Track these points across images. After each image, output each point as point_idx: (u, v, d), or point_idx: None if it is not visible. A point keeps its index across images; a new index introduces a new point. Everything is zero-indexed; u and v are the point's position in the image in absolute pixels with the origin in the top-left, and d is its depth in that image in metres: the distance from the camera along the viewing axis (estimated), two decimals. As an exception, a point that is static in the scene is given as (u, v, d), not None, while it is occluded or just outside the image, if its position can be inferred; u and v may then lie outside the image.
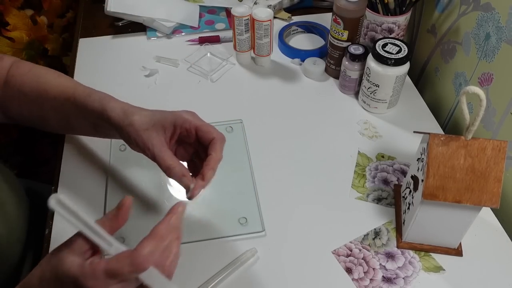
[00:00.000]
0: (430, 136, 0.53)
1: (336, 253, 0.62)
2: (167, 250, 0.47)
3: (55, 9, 1.12)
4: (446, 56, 0.82)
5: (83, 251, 0.44)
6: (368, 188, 0.69)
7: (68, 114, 0.63)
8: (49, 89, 0.63)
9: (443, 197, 0.52)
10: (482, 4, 0.70)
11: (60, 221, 0.65)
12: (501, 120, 0.68)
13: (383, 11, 0.80)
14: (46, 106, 0.64)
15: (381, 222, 0.65)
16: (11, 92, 0.64)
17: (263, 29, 0.81)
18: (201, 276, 0.59)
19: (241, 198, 0.68)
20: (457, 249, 0.62)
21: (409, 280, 0.59)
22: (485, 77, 0.71)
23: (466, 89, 0.49)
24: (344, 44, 0.80)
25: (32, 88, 0.63)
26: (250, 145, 0.74)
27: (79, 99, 0.60)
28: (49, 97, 0.63)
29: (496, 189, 0.51)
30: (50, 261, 0.45)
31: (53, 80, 0.64)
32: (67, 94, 0.62)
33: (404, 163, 0.72)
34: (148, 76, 0.87)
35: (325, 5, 1.02)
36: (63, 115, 0.64)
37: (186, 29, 0.97)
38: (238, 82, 0.86)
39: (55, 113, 0.64)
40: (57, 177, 0.70)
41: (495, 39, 0.67)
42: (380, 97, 0.76)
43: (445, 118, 0.83)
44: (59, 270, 0.43)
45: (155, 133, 0.56)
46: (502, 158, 0.51)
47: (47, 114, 0.65)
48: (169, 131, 0.57)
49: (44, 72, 0.65)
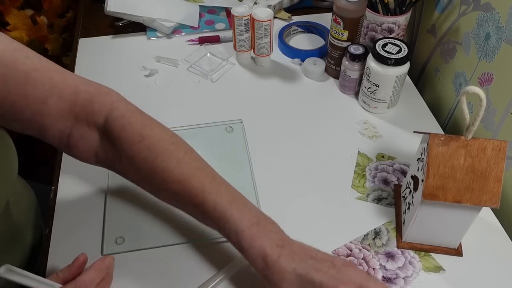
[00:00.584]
0: (430, 136, 0.53)
1: (336, 253, 0.62)
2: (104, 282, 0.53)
3: (55, 9, 1.12)
4: (446, 56, 0.82)
5: None
6: (368, 188, 0.69)
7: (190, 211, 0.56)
8: (169, 180, 0.53)
9: (443, 197, 0.52)
10: (482, 4, 0.70)
11: (60, 221, 0.65)
12: (501, 120, 0.68)
13: (383, 11, 0.80)
14: (162, 194, 0.56)
15: (381, 222, 0.65)
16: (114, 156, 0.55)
17: (263, 29, 0.81)
18: (201, 276, 0.59)
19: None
20: (457, 249, 0.62)
21: (409, 280, 0.59)
22: (485, 77, 0.71)
23: (466, 89, 0.49)
24: (344, 44, 0.80)
25: (144, 167, 0.53)
26: (250, 145, 0.74)
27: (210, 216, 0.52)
28: (169, 188, 0.53)
29: (496, 189, 0.51)
30: None
31: (174, 170, 0.53)
32: (194, 201, 0.52)
33: (404, 163, 0.72)
34: (148, 76, 0.87)
35: (325, 5, 1.02)
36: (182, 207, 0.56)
37: (186, 29, 0.97)
38: (238, 82, 0.86)
39: (172, 200, 0.56)
40: (57, 177, 0.70)
41: (495, 39, 0.67)
42: (380, 97, 0.76)
43: (445, 118, 0.83)
44: None
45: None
46: (502, 158, 0.51)
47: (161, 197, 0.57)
48: None
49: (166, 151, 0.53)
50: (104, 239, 0.62)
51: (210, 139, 0.76)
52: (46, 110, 0.51)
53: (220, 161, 0.73)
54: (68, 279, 0.50)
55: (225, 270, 0.59)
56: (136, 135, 0.53)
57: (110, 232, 0.63)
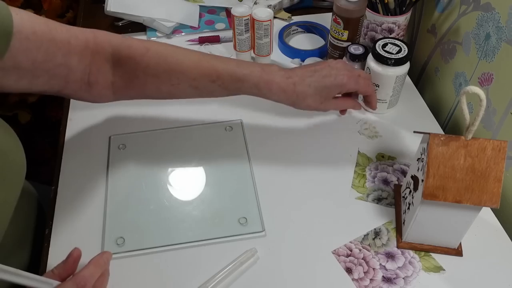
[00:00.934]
0: (430, 136, 0.53)
1: (336, 253, 0.62)
2: (103, 277, 0.53)
3: (55, 9, 1.12)
4: (446, 56, 0.82)
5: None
6: (368, 188, 0.69)
7: (210, 92, 0.66)
8: (185, 70, 0.63)
9: (443, 197, 0.52)
10: (482, 4, 0.70)
11: (60, 221, 0.65)
12: (501, 120, 0.68)
13: (383, 11, 0.80)
14: (182, 86, 0.64)
15: (381, 222, 0.65)
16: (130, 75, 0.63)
17: (263, 29, 0.81)
18: (201, 276, 0.59)
19: (241, 198, 0.68)
20: (457, 249, 0.62)
21: (409, 280, 0.59)
22: (485, 77, 0.71)
23: (466, 89, 0.49)
24: (344, 44, 0.80)
25: (160, 70, 0.63)
26: (250, 145, 0.74)
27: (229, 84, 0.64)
28: (187, 78, 0.63)
29: (496, 189, 0.51)
30: None
31: (185, 60, 0.64)
32: (211, 77, 0.64)
33: (404, 163, 0.72)
34: (148, 76, 0.87)
35: (325, 5, 1.02)
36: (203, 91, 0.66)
37: (186, 29, 0.97)
38: (238, 82, 0.86)
39: (193, 89, 0.65)
40: (57, 177, 0.70)
41: (495, 39, 0.67)
42: (380, 97, 0.76)
43: (445, 118, 0.83)
44: None
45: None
46: (502, 158, 0.51)
47: (182, 91, 0.65)
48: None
49: (171, 50, 0.64)
50: (104, 240, 0.62)
51: (210, 139, 0.76)
52: (72, 49, 0.58)
53: (220, 161, 0.73)
54: (64, 276, 0.50)
55: (225, 270, 0.59)
56: (142, 48, 0.62)
57: (110, 232, 0.63)
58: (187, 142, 0.75)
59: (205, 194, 0.68)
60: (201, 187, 0.69)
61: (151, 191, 0.69)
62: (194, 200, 0.68)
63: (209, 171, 0.71)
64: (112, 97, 0.66)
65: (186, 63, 0.63)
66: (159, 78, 0.63)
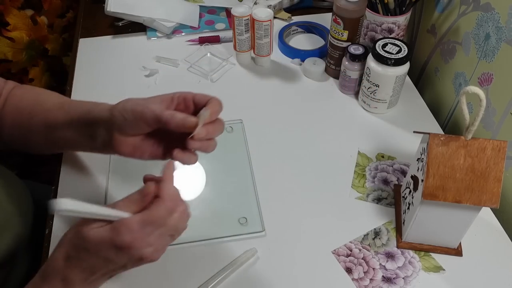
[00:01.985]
0: (430, 136, 0.53)
1: (336, 253, 0.62)
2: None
3: (55, 9, 1.12)
4: (446, 56, 0.82)
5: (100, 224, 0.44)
6: (368, 188, 0.69)
7: (56, 125, 0.60)
8: (45, 102, 0.62)
9: (443, 197, 0.53)
10: (482, 4, 0.70)
11: (60, 221, 0.65)
12: (501, 120, 0.68)
13: (383, 11, 0.80)
14: (37, 119, 0.61)
15: (381, 222, 0.65)
16: (9, 109, 0.63)
17: (263, 29, 0.81)
18: (201, 276, 0.59)
19: (241, 198, 0.68)
20: (457, 249, 0.62)
21: (409, 280, 0.59)
22: (485, 77, 0.71)
23: (466, 89, 0.49)
24: (344, 44, 0.80)
25: (29, 103, 0.63)
26: (250, 145, 0.75)
27: (72, 107, 0.60)
28: (44, 109, 0.62)
29: (496, 189, 0.51)
30: (72, 240, 0.45)
31: (52, 95, 0.64)
32: (61, 104, 0.61)
33: (404, 163, 0.72)
34: (148, 76, 0.87)
35: (325, 5, 1.02)
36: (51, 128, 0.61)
37: (186, 29, 0.97)
38: (238, 82, 0.86)
39: (44, 125, 0.61)
40: (57, 177, 0.70)
41: (495, 39, 0.67)
42: (380, 97, 0.76)
43: (445, 118, 0.84)
44: (89, 242, 0.44)
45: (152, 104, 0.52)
46: (502, 158, 0.51)
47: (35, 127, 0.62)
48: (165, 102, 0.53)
49: (48, 92, 0.65)
50: (104, 239, 0.62)
51: (210, 139, 0.75)
52: None
53: (220, 161, 0.73)
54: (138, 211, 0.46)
55: (225, 270, 0.59)
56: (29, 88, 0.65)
57: (110, 232, 0.63)
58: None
59: (205, 194, 0.69)
60: (201, 187, 0.69)
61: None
62: (194, 200, 0.68)
63: (209, 171, 0.71)
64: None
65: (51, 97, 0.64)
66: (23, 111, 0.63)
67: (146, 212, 0.45)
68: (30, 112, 0.62)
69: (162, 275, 0.60)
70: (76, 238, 0.45)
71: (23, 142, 0.65)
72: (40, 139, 0.63)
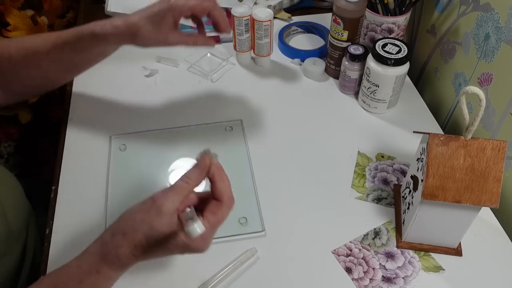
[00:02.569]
0: (430, 136, 0.53)
1: (336, 252, 0.62)
2: None
3: (55, 10, 1.12)
4: (446, 56, 0.82)
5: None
6: (368, 188, 0.69)
7: (69, 59, 0.67)
8: (39, 48, 0.65)
9: (442, 197, 0.53)
10: (481, 4, 0.70)
11: (60, 221, 0.65)
12: (500, 120, 0.68)
13: (383, 11, 0.80)
14: (44, 64, 0.66)
15: (381, 222, 0.65)
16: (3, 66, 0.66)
17: (263, 29, 0.81)
18: (201, 276, 0.59)
19: (241, 198, 0.68)
20: (457, 249, 0.62)
21: (409, 279, 0.60)
22: (485, 77, 0.71)
23: (465, 89, 0.49)
24: (344, 44, 0.80)
25: (21, 56, 0.65)
26: (250, 145, 0.75)
27: (70, 39, 0.64)
28: (43, 54, 0.65)
29: (496, 189, 0.51)
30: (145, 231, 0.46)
31: (37, 38, 0.67)
32: (55, 43, 0.64)
33: (404, 163, 0.73)
34: (149, 76, 0.87)
35: (325, 5, 1.02)
36: (65, 63, 0.68)
37: (186, 30, 0.97)
38: (238, 82, 0.86)
39: (56, 65, 0.67)
40: (58, 177, 0.70)
41: (495, 39, 0.67)
42: (380, 97, 0.77)
43: (445, 118, 0.84)
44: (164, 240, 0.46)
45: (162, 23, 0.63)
46: (501, 158, 0.51)
47: (48, 70, 0.67)
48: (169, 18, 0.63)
49: (29, 37, 0.69)
50: (105, 239, 0.62)
51: (210, 139, 0.76)
52: None
53: (220, 161, 0.73)
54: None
55: (225, 270, 0.59)
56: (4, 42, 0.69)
57: (111, 232, 0.63)
58: (187, 142, 0.75)
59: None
60: (201, 187, 0.69)
61: (152, 190, 0.68)
62: (194, 200, 0.68)
63: (209, 171, 0.71)
64: (2, 96, 0.69)
65: (38, 42, 0.66)
66: (23, 64, 0.66)
67: (214, 218, 0.49)
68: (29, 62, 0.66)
69: (162, 274, 0.60)
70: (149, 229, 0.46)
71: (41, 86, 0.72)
72: (57, 76, 0.70)
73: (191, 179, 0.49)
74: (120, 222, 0.48)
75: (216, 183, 0.50)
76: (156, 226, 0.46)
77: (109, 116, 0.79)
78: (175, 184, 0.49)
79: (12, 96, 0.70)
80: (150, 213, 0.47)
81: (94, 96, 0.83)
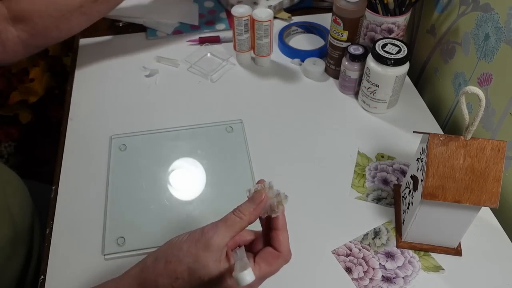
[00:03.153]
0: (430, 136, 0.53)
1: (336, 252, 0.62)
2: None
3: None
4: (446, 56, 0.82)
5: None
6: (368, 188, 0.70)
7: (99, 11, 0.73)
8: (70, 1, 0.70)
9: (442, 197, 0.53)
10: (481, 4, 0.70)
11: (60, 221, 0.65)
12: (500, 120, 0.68)
13: (383, 11, 0.80)
14: (75, 17, 0.71)
15: (381, 221, 0.66)
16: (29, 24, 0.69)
17: (263, 30, 0.82)
18: (201, 276, 0.59)
19: (242, 198, 0.68)
20: (457, 249, 0.62)
21: (409, 279, 0.60)
22: (485, 77, 0.71)
23: (465, 89, 0.49)
24: (344, 44, 0.80)
25: (51, 9, 0.69)
26: (250, 145, 0.75)
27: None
28: (74, 6, 0.70)
29: (496, 189, 0.51)
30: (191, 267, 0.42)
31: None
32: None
33: (403, 163, 0.73)
34: (149, 76, 0.87)
35: (325, 5, 1.02)
36: (94, 15, 0.74)
37: (186, 30, 0.97)
38: (238, 82, 0.86)
39: (84, 17, 0.73)
40: (57, 177, 0.70)
41: (494, 40, 0.67)
42: (380, 97, 0.77)
43: (445, 118, 0.84)
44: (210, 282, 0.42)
45: None
46: (501, 158, 0.51)
47: (77, 22, 0.73)
48: None
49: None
50: (105, 239, 0.63)
51: (210, 139, 0.76)
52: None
53: (220, 161, 0.73)
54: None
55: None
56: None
57: (111, 232, 0.63)
58: (187, 143, 0.75)
59: (205, 194, 0.69)
60: (201, 187, 0.69)
61: (152, 191, 0.69)
62: (194, 200, 0.68)
63: (209, 171, 0.71)
64: (22, 51, 0.72)
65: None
66: (54, 16, 0.70)
67: (267, 269, 0.45)
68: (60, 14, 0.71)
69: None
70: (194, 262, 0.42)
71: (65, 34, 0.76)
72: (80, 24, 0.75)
73: (244, 214, 0.45)
74: (166, 248, 0.45)
75: (279, 232, 0.46)
76: (202, 260, 0.42)
77: (109, 116, 0.79)
78: (227, 218, 0.45)
79: (32, 49, 0.74)
80: (197, 245, 0.43)
81: (94, 96, 0.83)
